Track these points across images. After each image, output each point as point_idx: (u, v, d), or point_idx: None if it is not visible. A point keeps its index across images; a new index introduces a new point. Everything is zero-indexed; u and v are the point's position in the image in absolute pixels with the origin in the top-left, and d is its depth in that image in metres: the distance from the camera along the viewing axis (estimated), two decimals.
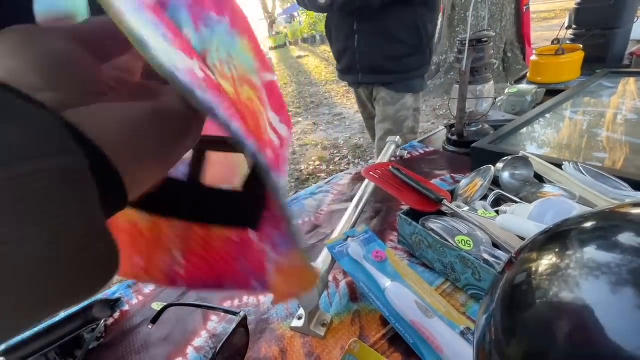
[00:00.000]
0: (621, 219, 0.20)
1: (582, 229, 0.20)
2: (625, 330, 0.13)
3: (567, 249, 0.19)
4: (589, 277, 0.16)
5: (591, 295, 0.15)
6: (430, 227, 0.44)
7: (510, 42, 3.68)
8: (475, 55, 0.69)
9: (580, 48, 1.02)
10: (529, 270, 0.21)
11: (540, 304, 0.17)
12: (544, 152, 0.62)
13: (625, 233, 0.17)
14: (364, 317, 0.40)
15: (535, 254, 0.21)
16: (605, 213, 0.22)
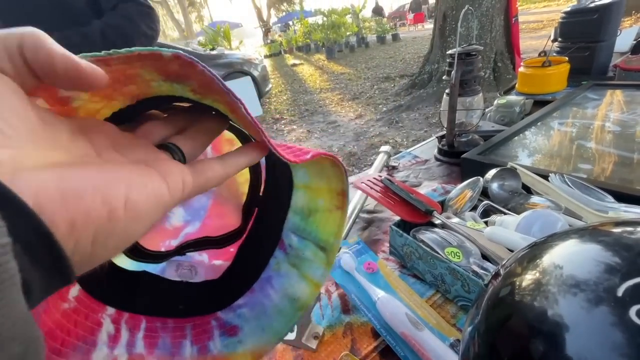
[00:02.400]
0: (600, 237, 0.20)
1: (564, 245, 0.21)
2: (601, 347, 0.13)
3: (548, 265, 0.20)
4: (567, 295, 0.16)
5: (568, 312, 0.15)
6: (421, 239, 0.44)
7: (500, 52, 3.76)
8: (464, 68, 0.70)
9: (566, 60, 1.05)
10: (512, 285, 0.21)
11: (520, 319, 0.18)
12: (532, 162, 0.63)
13: (603, 252, 0.18)
14: (355, 330, 0.40)
15: (519, 268, 0.22)
16: (586, 231, 0.22)
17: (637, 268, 0.14)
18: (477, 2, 3.55)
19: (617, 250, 0.16)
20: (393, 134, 3.25)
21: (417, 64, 5.70)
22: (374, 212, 0.64)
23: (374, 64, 7.16)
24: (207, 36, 10.60)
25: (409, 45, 9.06)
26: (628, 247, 0.16)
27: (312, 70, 8.04)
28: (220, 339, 0.28)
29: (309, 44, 12.05)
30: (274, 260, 0.32)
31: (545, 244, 0.22)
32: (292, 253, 0.31)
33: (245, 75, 4.64)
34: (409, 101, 3.95)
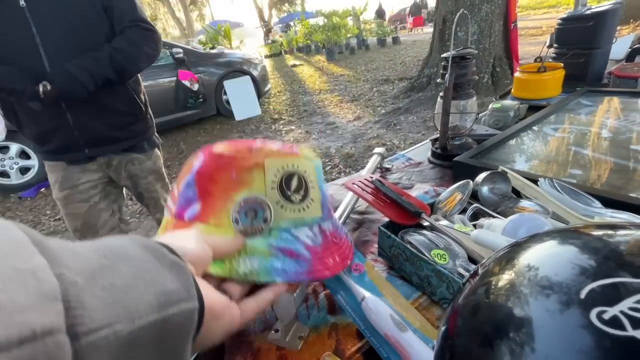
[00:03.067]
0: (576, 239, 0.20)
1: (541, 247, 0.21)
2: (563, 350, 0.13)
3: (523, 266, 0.20)
4: (537, 296, 0.16)
5: (535, 313, 0.15)
6: (409, 241, 0.44)
7: (499, 57, 3.78)
8: (458, 72, 0.71)
9: (561, 66, 1.06)
10: (487, 284, 0.21)
11: (491, 319, 0.18)
12: (523, 167, 0.63)
13: (575, 254, 0.18)
14: (340, 330, 0.40)
15: (496, 268, 0.22)
16: (565, 233, 0.23)
17: (602, 270, 0.14)
18: (476, 7, 3.57)
19: (588, 252, 0.16)
20: (390, 136, 3.26)
21: (416, 67, 5.72)
22: (365, 214, 0.64)
23: (374, 67, 7.18)
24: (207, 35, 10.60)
25: (409, 48, 9.09)
26: (598, 249, 0.16)
27: (312, 71, 8.05)
28: None
29: (310, 45, 12.07)
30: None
31: (525, 245, 0.22)
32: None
33: (244, 74, 4.64)
34: (407, 104, 3.97)
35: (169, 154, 3.80)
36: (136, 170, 1.16)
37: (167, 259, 0.20)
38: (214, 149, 0.32)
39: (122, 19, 0.96)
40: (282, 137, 3.77)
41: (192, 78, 4.09)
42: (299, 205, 0.34)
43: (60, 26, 0.90)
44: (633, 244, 0.15)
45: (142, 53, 0.98)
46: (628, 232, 0.17)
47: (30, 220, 2.70)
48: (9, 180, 3.09)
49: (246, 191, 0.32)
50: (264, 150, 0.33)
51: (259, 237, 0.32)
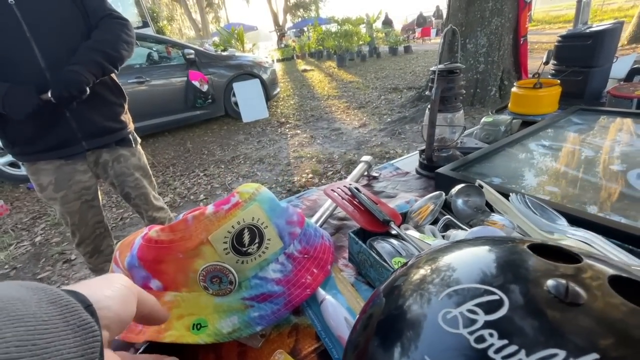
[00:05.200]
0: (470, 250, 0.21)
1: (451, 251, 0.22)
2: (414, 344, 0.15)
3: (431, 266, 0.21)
4: (420, 293, 0.17)
5: (415, 303, 0.17)
6: (375, 247, 0.46)
7: (507, 71, 3.77)
8: (445, 85, 0.72)
9: (557, 83, 1.06)
10: (400, 276, 0.22)
11: (381, 307, 0.19)
12: (503, 181, 0.64)
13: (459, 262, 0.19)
14: (301, 331, 0.42)
15: (414, 264, 0.23)
16: (481, 240, 0.23)
17: (462, 277, 0.16)
18: (486, 20, 3.57)
19: (467, 261, 0.17)
20: (394, 145, 3.27)
21: (426, 77, 5.72)
22: (344, 220, 0.65)
23: (384, 75, 7.21)
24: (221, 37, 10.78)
25: (420, 58, 9.11)
26: (474, 260, 0.17)
27: (322, 77, 8.12)
28: None
29: (322, 50, 12.18)
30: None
31: (448, 247, 0.23)
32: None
33: (254, 77, 4.71)
34: (413, 113, 3.97)
35: (175, 152, 3.86)
36: (122, 168, 1.20)
37: (75, 318, 0.17)
38: (149, 235, 0.33)
39: (95, 11, 1.01)
40: (287, 140, 3.81)
41: (202, 79, 4.17)
42: (257, 252, 0.36)
43: (49, 21, 0.95)
44: (502, 256, 0.17)
45: (120, 40, 1.03)
46: (514, 247, 0.18)
47: (37, 210, 2.77)
48: (20, 171, 3.18)
49: (202, 261, 0.33)
50: (203, 225, 0.33)
51: (232, 295, 0.34)
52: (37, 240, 2.39)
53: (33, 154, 1.06)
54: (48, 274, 2.03)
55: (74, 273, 2.01)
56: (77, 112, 1.03)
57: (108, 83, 1.10)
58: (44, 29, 0.94)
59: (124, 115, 1.18)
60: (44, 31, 0.94)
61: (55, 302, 0.17)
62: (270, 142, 3.83)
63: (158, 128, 4.25)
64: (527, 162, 0.70)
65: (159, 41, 4.39)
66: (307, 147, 3.51)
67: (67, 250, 2.21)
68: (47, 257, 2.20)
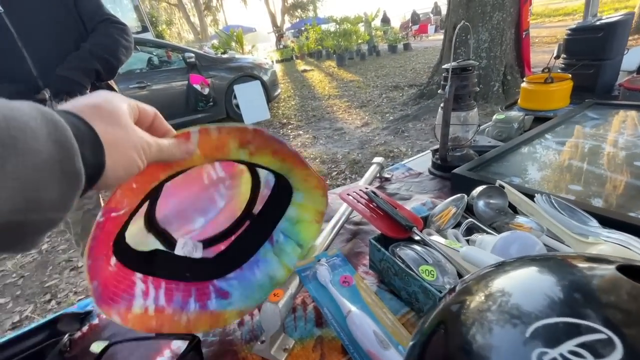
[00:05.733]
0: (552, 270, 0.20)
1: (521, 272, 0.21)
2: None
3: (496, 290, 0.20)
4: (499, 320, 0.16)
5: (494, 337, 0.15)
6: (398, 255, 0.44)
7: (510, 66, 3.74)
8: (459, 83, 0.70)
9: (569, 77, 1.04)
10: (460, 303, 0.21)
11: (451, 338, 0.18)
12: (523, 181, 0.62)
13: (542, 287, 0.17)
14: (326, 344, 0.40)
15: (474, 287, 0.22)
16: (548, 261, 0.22)
17: (551, 308, 0.14)
18: (487, 15, 3.54)
19: (547, 288, 0.16)
20: (398, 143, 3.24)
21: (426, 74, 5.69)
22: (360, 224, 0.63)
23: (384, 73, 7.18)
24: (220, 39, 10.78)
25: (419, 55, 9.07)
26: (556, 286, 0.16)
27: (322, 77, 8.10)
28: (215, 300, 0.42)
29: (321, 50, 12.14)
30: (263, 250, 0.48)
31: (503, 268, 0.22)
32: (277, 246, 0.48)
33: (254, 79, 4.69)
34: (416, 111, 3.95)
35: None
36: None
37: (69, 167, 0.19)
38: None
39: (92, 16, 0.99)
40: (290, 141, 3.79)
41: (203, 82, 4.16)
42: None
43: (40, 28, 0.93)
44: (589, 282, 0.15)
45: (119, 45, 1.01)
46: (594, 269, 0.16)
47: None
48: None
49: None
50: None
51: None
52: (43, 248, 2.39)
53: None
54: (56, 282, 2.03)
55: (81, 280, 2.01)
56: None
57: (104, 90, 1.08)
58: (36, 36, 0.92)
59: None
60: (36, 38, 0.92)
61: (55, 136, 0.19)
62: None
63: None
64: (545, 160, 0.68)
65: (159, 45, 4.38)
66: (310, 148, 3.49)
67: (74, 258, 2.21)
68: (54, 265, 2.19)
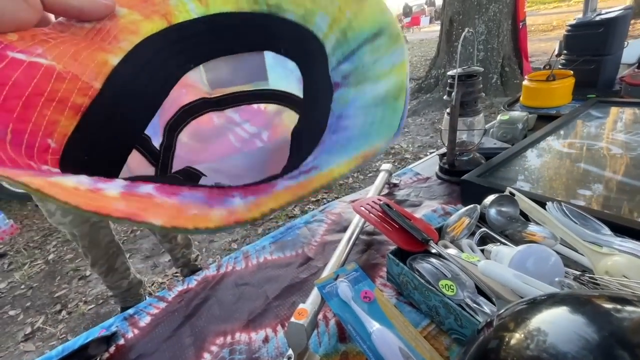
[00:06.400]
0: (589, 312, 0.20)
1: (556, 312, 0.22)
2: None
3: (534, 329, 0.21)
4: None
5: None
6: (417, 269, 0.45)
7: (508, 57, 3.73)
8: (464, 90, 0.71)
9: (570, 74, 1.05)
10: (499, 339, 0.22)
11: None
12: (531, 186, 0.63)
13: (586, 329, 0.18)
14: (351, 359, 0.41)
15: (511, 324, 0.23)
16: (580, 301, 0.22)
17: (600, 357, 0.15)
18: (484, 7, 3.53)
19: (593, 334, 0.17)
20: (398, 140, 3.25)
21: (424, 67, 5.68)
22: (373, 234, 0.64)
23: None
24: None
25: (416, 48, 9.02)
26: (601, 333, 0.17)
27: None
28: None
29: None
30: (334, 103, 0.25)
31: (541, 305, 0.23)
32: (350, 79, 0.25)
33: None
34: (414, 106, 3.95)
35: None
36: None
37: None
38: None
39: None
40: None
41: None
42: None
43: None
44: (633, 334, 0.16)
45: None
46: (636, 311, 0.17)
47: (47, 228, 2.78)
48: None
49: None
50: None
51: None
52: (50, 258, 2.40)
53: None
54: (65, 292, 2.05)
55: (90, 289, 2.02)
56: None
57: None
58: None
59: None
60: None
61: None
62: None
63: None
64: (553, 163, 0.69)
65: None
66: None
67: (82, 267, 2.22)
68: (62, 275, 2.21)
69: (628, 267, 0.36)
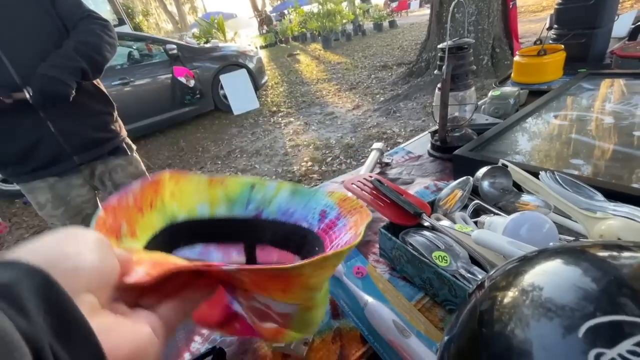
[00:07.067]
0: (585, 262, 0.19)
1: (550, 265, 0.21)
2: None
3: (529, 285, 0.20)
4: (537, 321, 0.16)
5: (534, 339, 0.15)
6: (409, 242, 0.44)
7: (498, 38, 3.70)
8: (455, 62, 0.69)
9: (561, 48, 1.03)
10: (492, 299, 0.21)
11: (491, 337, 0.18)
12: (524, 158, 0.62)
13: (581, 280, 0.17)
14: (344, 335, 0.41)
15: (502, 283, 0.22)
16: (575, 252, 0.21)
17: (604, 305, 0.14)
18: None
19: (593, 282, 0.16)
20: (390, 124, 3.23)
21: (414, 51, 5.62)
22: None
23: (371, 53, 7.07)
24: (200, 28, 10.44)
25: (406, 32, 8.92)
26: (604, 280, 0.15)
27: (309, 61, 7.95)
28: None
29: (305, 33, 11.87)
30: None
31: (533, 261, 0.22)
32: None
33: (240, 68, 4.59)
34: (406, 90, 3.92)
35: (169, 151, 3.80)
36: (121, 179, 1.16)
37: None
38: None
39: (72, 14, 0.95)
40: (282, 129, 3.75)
41: (187, 74, 4.05)
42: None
43: (16, 30, 0.89)
44: (635, 276, 0.15)
45: (103, 42, 0.97)
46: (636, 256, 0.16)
47: (37, 225, 2.73)
48: (13, 186, 3.11)
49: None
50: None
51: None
52: None
53: (25, 174, 1.02)
54: None
55: None
56: (61, 126, 0.98)
57: (92, 91, 1.04)
58: (12, 40, 0.88)
59: (114, 123, 1.12)
60: (13, 42, 0.88)
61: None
62: (265, 132, 3.77)
63: (149, 129, 4.15)
64: (545, 135, 0.68)
65: (138, 39, 4.23)
66: (303, 135, 3.46)
67: None
68: None
69: (622, 229, 0.36)
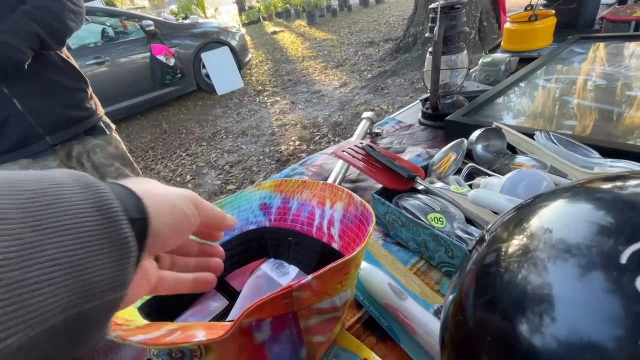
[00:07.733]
0: (591, 195, 0.18)
1: (552, 207, 0.19)
2: (601, 322, 0.12)
3: (536, 229, 0.18)
4: (558, 262, 0.15)
5: (560, 281, 0.14)
6: (403, 206, 0.42)
7: (486, 11, 3.65)
8: (447, 23, 0.66)
9: (552, 14, 1.01)
10: (497, 251, 0.19)
11: (507, 288, 0.16)
12: (518, 122, 0.61)
13: (597, 212, 0.16)
14: None
15: (505, 233, 0.20)
16: (574, 189, 0.20)
17: (634, 232, 0.12)
18: None
19: (614, 209, 0.14)
20: (378, 101, 3.19)
21: (401, 27, 5.50)
22: (357, 182, 0.61)
23: (357, 29, 6.89)
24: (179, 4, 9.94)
25: (393, 6, 8.70)
26: (627, 205, 0.14)
27: (294, 38, 7.70)
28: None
29: (289, 9, 11.44)
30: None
31: (532, 206, 0.20)
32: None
33: (222, 45, 4.40)
34: (393, 66, 3.85)
35: (151, 134, 3.67)
36: (100, 159, 1.09)
37: (116, 233, 0.16)
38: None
39: None
40: (268, 109, 3.66)
41: (167, 52, 3.87)
42: None
43: None
44: None
45: (64, 8, 0.87)
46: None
47: None
48: None
49: None
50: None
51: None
52: None
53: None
54: None
55: None
56: (29, 104, 0.89)
57: (60, 66, 0.94)
58: None
59: (89, 100, 1.04)
60: None
61: (101, 210, 0.16)
62: (250, 112, 3.67)
63: (129, 111, 3.98)
64: (538, 99, 0.67)
65: (111, 14, 3.98)
66: (290, 114, 3.39)
67: None
68: None
69: None
